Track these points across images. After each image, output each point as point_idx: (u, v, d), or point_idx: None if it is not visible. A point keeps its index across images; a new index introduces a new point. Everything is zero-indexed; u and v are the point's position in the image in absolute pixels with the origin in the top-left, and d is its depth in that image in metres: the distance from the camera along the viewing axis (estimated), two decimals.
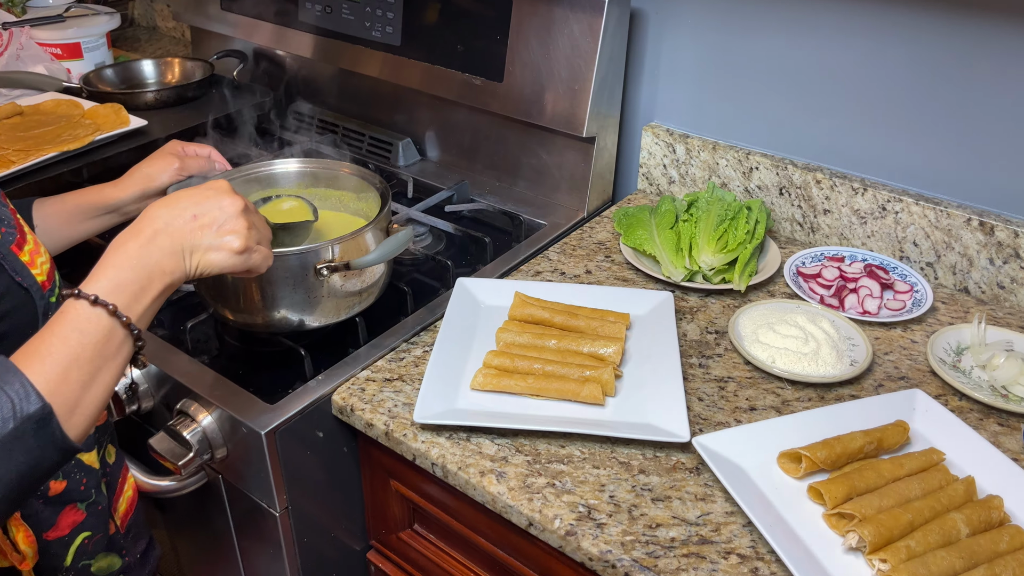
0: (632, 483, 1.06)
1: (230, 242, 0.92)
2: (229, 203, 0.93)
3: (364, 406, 1.17)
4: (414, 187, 1.73)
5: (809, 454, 1.05)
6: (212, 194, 0.92)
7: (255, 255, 0.96)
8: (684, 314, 1.39)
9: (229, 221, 0.92)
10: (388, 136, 1.84)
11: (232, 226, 0.92)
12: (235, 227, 0.92)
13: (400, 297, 1.34)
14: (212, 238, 0.90)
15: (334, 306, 1.21)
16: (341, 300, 1.18)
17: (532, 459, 1.09)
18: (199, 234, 0.90)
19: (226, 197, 0.93)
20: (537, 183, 1.69)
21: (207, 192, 0.92)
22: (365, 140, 1.87)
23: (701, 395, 1.21)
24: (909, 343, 1.29)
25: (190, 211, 0.90)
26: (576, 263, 1.52)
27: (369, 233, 1.19)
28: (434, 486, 1.16)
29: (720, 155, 1.63)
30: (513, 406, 1.15)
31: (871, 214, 1.48)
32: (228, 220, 0.92)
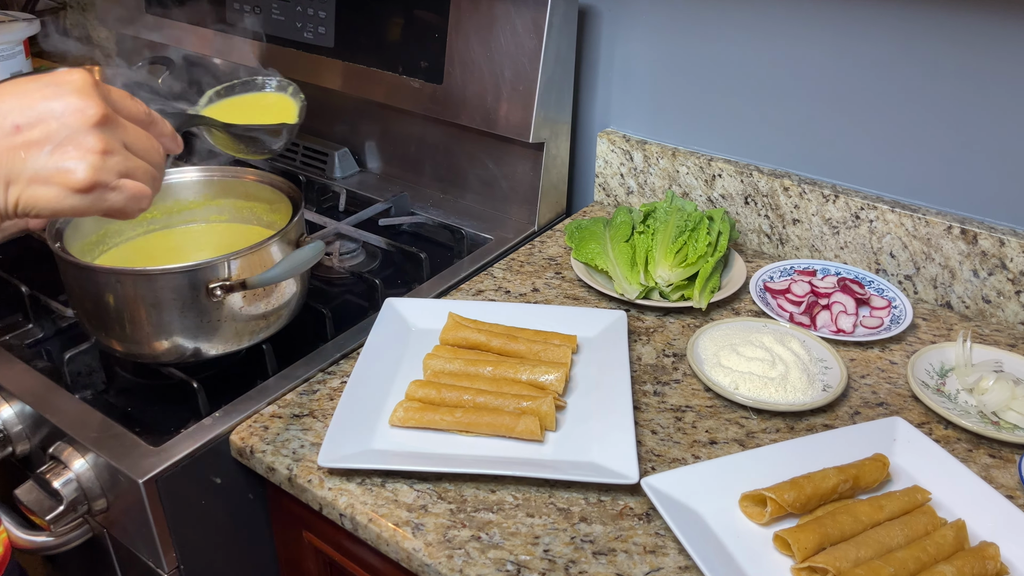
0: (571, 534, 0.91)
1: (68, 171, 0.63)
2: (76, 107, 0.63)
3: (265, 447, 1.01)
4: (349, 200, 1.59)
5: (775, 496, 0.90)
6: (55, 91, 0.63)
7: (114, 194, 0.66)
8: (639, 335, 1.25)
9: (73, 138, 0.63)
10: (323, 146, 1.70)
11: (76, 146, 0.63)
12: (80, 148, 0.63)
13: (318, 320, 1.18)
14: (41, 162, 0.62)
15: (235, 331, 1.05)
16: (243, 324, 1.03)
17: (456, 507, 0.93)
18: (21, 155, 0.62)
19: (74, 97, 0.63)
20: (484, 195, 1.56)
21: (50, 88, 0.63)
22: (299, 151, 1.73)
23: (655, 427, 1.06)
24: (888, 364, 1.17)
25: (13, 117, 0.62)
26: (523, 281, 1.38)
27: (274, 246, 1.04)
28: (352, 539, 1.00)
29: (680, 162, 1.50)
30: (438, 445, 1.00)
31: (843, 223, 1.38)
32: (71, 136, 0.63)
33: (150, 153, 0.69)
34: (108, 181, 0.65)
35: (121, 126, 0.67)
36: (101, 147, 0.64)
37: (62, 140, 0.62)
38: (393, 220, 1.50)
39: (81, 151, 0.63)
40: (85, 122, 0.63)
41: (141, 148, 0.69)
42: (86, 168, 0.63)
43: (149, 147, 0.70)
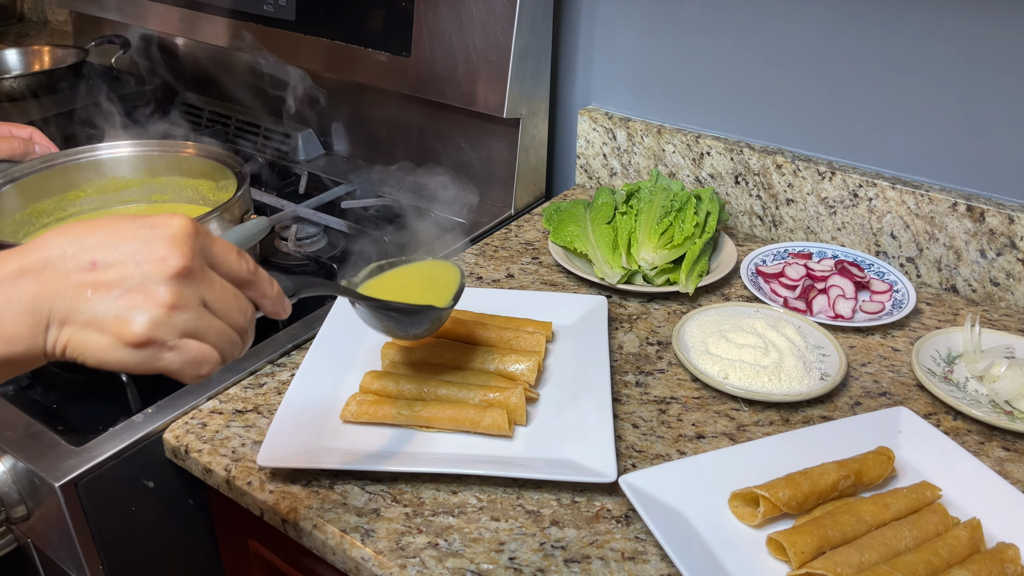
0: (541, 539, 0.81)
1: (126, 320, 0.56)
2: (160, 255, 0.58)
3: (202, 446, 0.92)
4: (312, 184, 1.50)
5: (768, 494, 0.81)
6: (147, 234, 0.58)
7: (171, 354, 0.58)
8: (621, 322, 1.16)
9: (145, 286, 0.57)
10: (286, 127, 1.60)
11: (145, 295, 0.57)
12: (149, 299, 0.57)
13: None
14: (104, 306, 0.56)
15: None
16: None
17: (413, 510, 0.84)
18: (88, 295, 0.56)
19: (162, 244, 0.58)
20: (457, 177, 1.48)
21: (144, 229, 0.59)
22: (260, 133, 1.63)
23: (637, 421, 0.97)
24: (890, 352, 1.10)
25: (93, 253, 0.57)
26: (496, 266, 1.29)
27: (213, 223, 0.95)
28: (300, 548, 0.91)
29: (666, 140, 1.41)
30: (395, 442, 0.91)
31: (841, 202, 1.32)
32: (143, 284, 0.57)
33: (232, 313, 0.62)
34: (166, 339, 0.58)
35: (206, 281, 0.60)
36: (170, 301, 0.57)
37: (133, 287, 0.57)
38: (357, 203, 1.41)
39: (148, 302, 0.57)
40: (164, 272, 0.57)
41: (223, 307, 0.61)
42: (145, 321, 0.56)
43: (233, 306, 0.62)
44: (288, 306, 0.69)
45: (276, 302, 0.67)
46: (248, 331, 0.65)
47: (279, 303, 0.68)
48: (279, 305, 0.68)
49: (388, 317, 0.89)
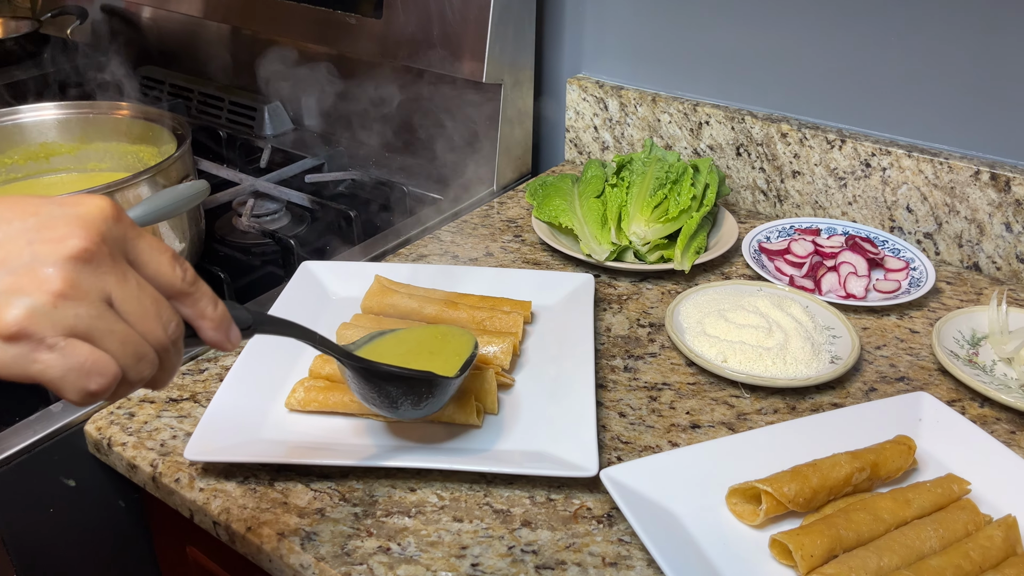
0: (510, 542, 0.71)
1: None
2: (59, 234, 0.48)
3: (127, 439, 0.82)
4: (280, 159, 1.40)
5: (772, 489, 0.72)
6: (52, 211, 0.49)
7: (49, 355, 0.47)
8: (610, 303, 1.06)
9: (32, 268, 0.47)
10: (252, 100, 1.50)
11: (30, 279, 0.46)
12: (33, 282, 0.46)
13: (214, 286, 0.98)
14: None
15: None
16: None
17: (363, 510, 0.74)
18: None
19: (65, 222, 0.48)
20: (435, 153, 1.40)
21: (52, 206, 0.49)
22: (224, 106, 1.54)
23: (624, 409, 0.87)
24: (907, 333, 1.02)
25: None
26: (475, 244, 1.19)
27: (144, 186, 0.85)
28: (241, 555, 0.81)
29: (662, 109, 1.32)
30: (347, 433, 0.81)
31: (852, 173, 1.24)
32: (31, 265, 0.47)
33: (147, 320, 0.50)
34: (44, 334, 0.46)
35: (115, 274, 0.49)
36: (59, 288, 0.46)
37: (17, 268, 0.46)
38: (322, 177, 1.31)
39: (31, 286, 0.46)
40: (58, 252, 0.47)
41: (135, 310, 0.50)
42: (22, 308, 0.45)
43: (150, 313, 0.50)
44: (236, 336, 0.57)
45: (219, 326, 0.55)
46: (170, 351, 0.52)
47: (222, 328, 0.56)
48: (222, 331, 0.56)
49: (376, 386, 0.74)
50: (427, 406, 0.77)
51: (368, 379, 0.74)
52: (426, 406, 0.77)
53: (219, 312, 0.55)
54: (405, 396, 0.75)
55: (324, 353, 0.71)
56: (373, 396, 0.75)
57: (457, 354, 0.81)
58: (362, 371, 0.73)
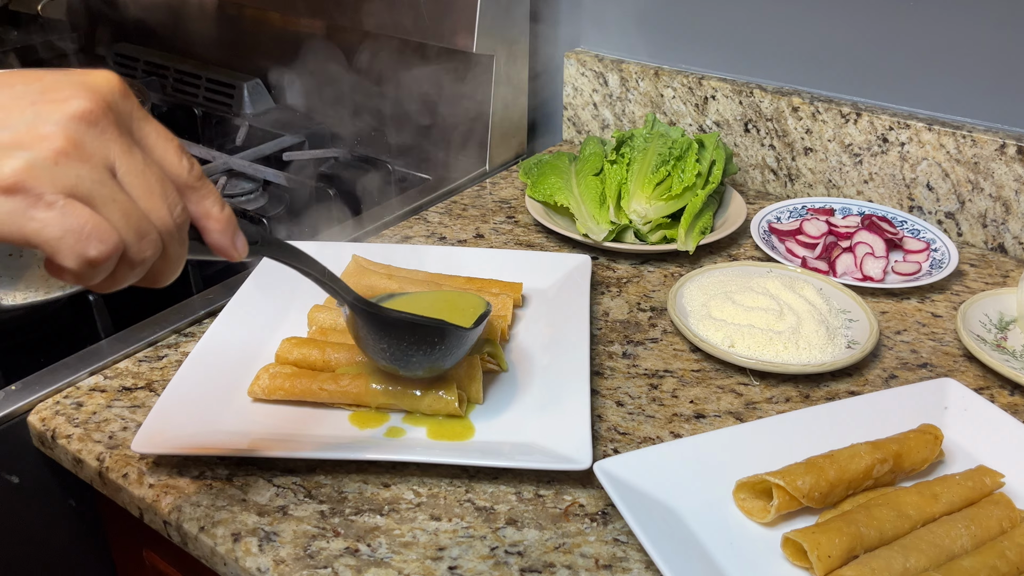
0: (493, 542, 0.65)
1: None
2: (62, 96, 0.46)
3: (73, 431, 0.76)
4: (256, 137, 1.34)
5: (784, 483, 0.66)
6: (58, 81, 0.47)
7: (45, 213, 0.45)
8: (609, 286, 1.00)
9: (33, 126, 0.45)
10: (230, 77, 1.45)
11: (29, 134, 0.45)
12: (31, 137, 0.45)
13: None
14: None
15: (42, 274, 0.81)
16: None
17: (330, 508, 0.68)
18: None
19: (71, 89, 0.47)
20: (424, 131, 1.34)
21: (59, 75, 0.48)
22: (202, 84, 1.48)
23: (622, 398, 0.81)
24: (929, 317, 0.98)
25: None
26: (464, 226, 1.13)
27: None
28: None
29: (665, 83, 1.27)
30: (316, 424, 0.75)
31: (868, 149, 1.19)
32: (33, 124, 0.45)
33: (152, 197, 0.48)
34: (43, 190, 0.44)
35: (119, 143, 0.48)
36: (60, 145, 0.45)
37: (17, 125, 0.45)
38: (302, 155, 1.25)
39: (31, 140, 0.45)
40: (62, 111, 0.46)
41: (139, 184, 0.48)
42: (22, 160, 0.44)
43: (156, 190, 0.49)
44: (243, 244, 0.55)
45: (225, 228, 0.53)
46: (175, 237, 0.50)
47: (228, 232, 0.54)
48: (228, 235, 0.54)
49: (386, 335, 0.72)
50: (440, 358, 0.75)
51: (379, 328, 0.72)
52: (439, 358, 0.75)
53: (226, 214, 0.53)
54: (418, 347, 0.73)
55: (332, 295, 0.70)
56: (383, 348, 0.73)
57: (470, 312, 0.78)
58: (373, 319, 0.72)
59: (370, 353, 0.75)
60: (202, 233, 0.53)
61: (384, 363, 0.75)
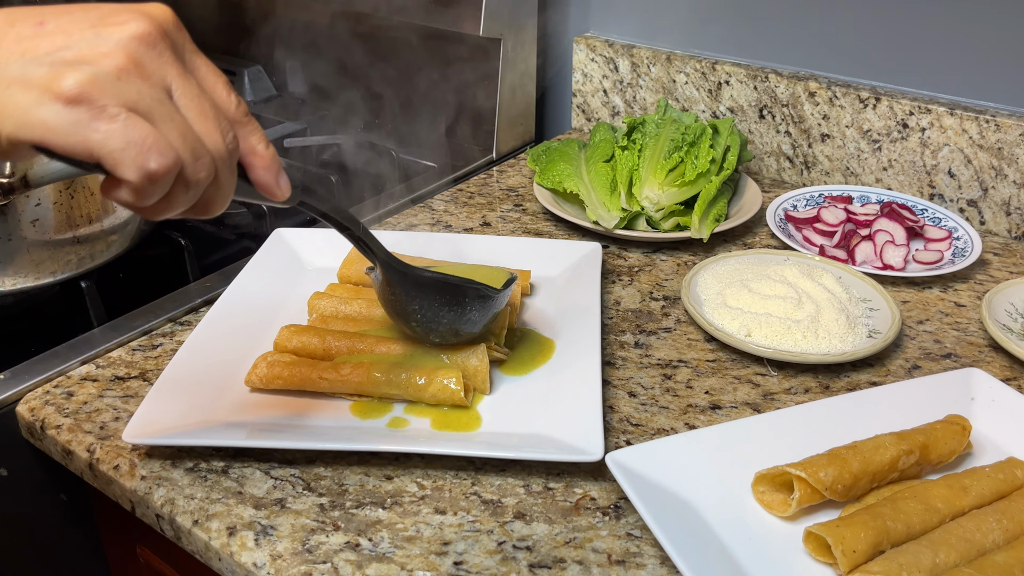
0: (500, 537, 0.63)
1: (58, 75, 0.46)
2: (121, 19, 0.49)
3: (62, 421, 0.74)
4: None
5: (806, 475, 0.63)
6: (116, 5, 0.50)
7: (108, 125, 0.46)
8: (620, 275, 0.97)
9: (94, 44, 0.47)
10: (230, 64, 1.42)
11: (91, 51, 0.47)
12: (93, 53, 0.47)
13: (176, 254, 0.90)
14: (37, 62, 0.47)
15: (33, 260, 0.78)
16: (49, 251, 0.75)
17: (330, 501, 0.66)
18: (18, 52, 0.47)
19: (129, 13, 0.49)
20: (430, 116, 1.31)
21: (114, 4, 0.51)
22: None
23: (634, 388, 0.79)
24: (952, 307, 0.96)
25: (43, 16, 0.49)
26: (471, 214, 1.10)
27: None
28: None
29: (677, 68, 1.24)
30: (315, 414, 0.73)
31: (887, 135, 1.16)
32: (93, 43, 0.48)
33: (206, 120, 0.50)
34: (106, 102, 0.46)
35: (175, 68, 0.50)
36: (121, 62, 0.47)
37: (78, 44, 0.47)
38: (304, 141, 1.23)
39: (93, 56, 0.47)
40: (122, 32, 0.48)
41: (194, 107, 0.50)
42: (84, 74, 0.46)
43: (209, 114, 0.51)
44: (286, 184, 0.57)
45: (269, 166, 0.56)
46: (226, 164, 0.52)
47: (272, 170, 0.56)
48: (272, 172, 0.56)
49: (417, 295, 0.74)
50: (469, 320, 0.76)
51: (411, 288, 0.74)
52: (469, 320, 0.76)
53: (271, 152, 0.56)
54: (449, 307, 0.74)
55: (365, 254, 0.71)
56: (414, 309, 0.75)
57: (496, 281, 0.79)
58: (405, 279, 0.73)
59: (399, 317, 0.76)
60: (248, 170, 0.55)
61: (413, 328, 0.76)
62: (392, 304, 0.76)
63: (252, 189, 0.56)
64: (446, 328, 0.76)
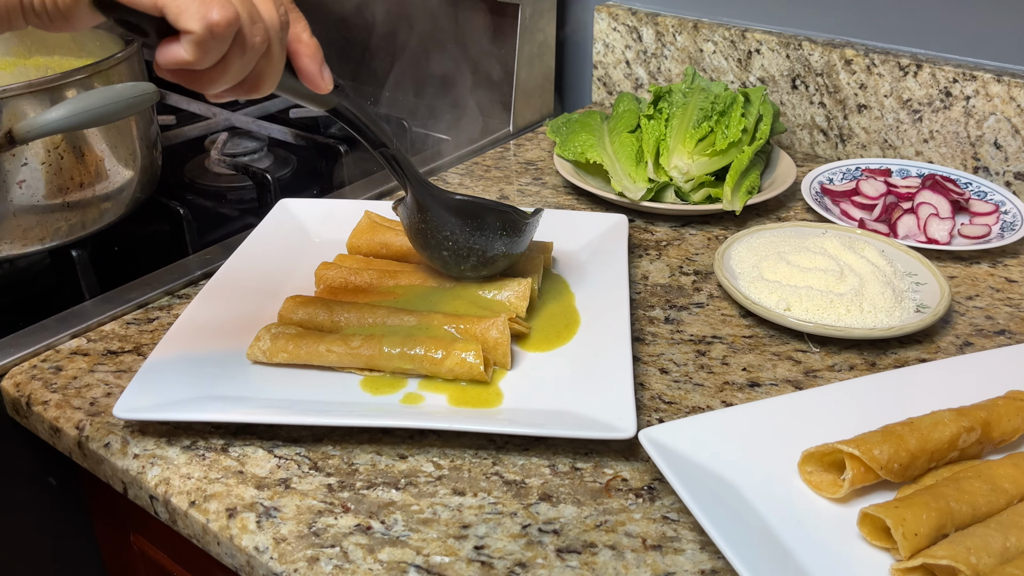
0: (524, 520, 0.59)
1: None
2: None
3: (49, 396, 0.70)
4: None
5: (859, 452, 0.59)
6: None
7: None
8: (647, 249, 0.93)
9: None
10: None
11: None
12: None
13: (175, 224, 0.86)
14: None
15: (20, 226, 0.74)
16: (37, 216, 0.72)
17: (339, 481, 0.62)
18: None
19: None
20: (444, 89, 1.28)
21: None
22: None
23: (666, 365, 0.75)
24: (1003, 283, 0.93)
25: None
26: (487, 187, 1.07)
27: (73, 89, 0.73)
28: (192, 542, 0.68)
29: (704, 37, 1.23)
30: (322, 389, 0.69)
31: (928, 104, 1.12)
32: None
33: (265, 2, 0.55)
34: None
35: None
36: None
37: None
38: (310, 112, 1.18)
39: None
40: None
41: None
42: None
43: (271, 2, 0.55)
44: (329, 77, 0.61)
45: (314, 55, 0.60)
46: (279, 36, 0.55)
47: (317, 59, 0.60)
48: (317, 62, 0.60)
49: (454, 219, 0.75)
50: (503, 245, 0.77)
51: (444, 213, 0.75)
52: (502, 245, 0.77)
53: (315, 42, 0.60)
54: (481, 232, 0.75)
55: (396, 176, 0.73)
56: (445, 235, 0.76)
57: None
58: (438, 203, 0.74)
59: (428, 249, 0.77)
60: (293, 57, 0.58)
61: (444, 257, 0.77)
62: (423, 234, 0.76)
63: (297, 82, 0.59)
64: (478, 255, 0.77)
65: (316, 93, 0.62)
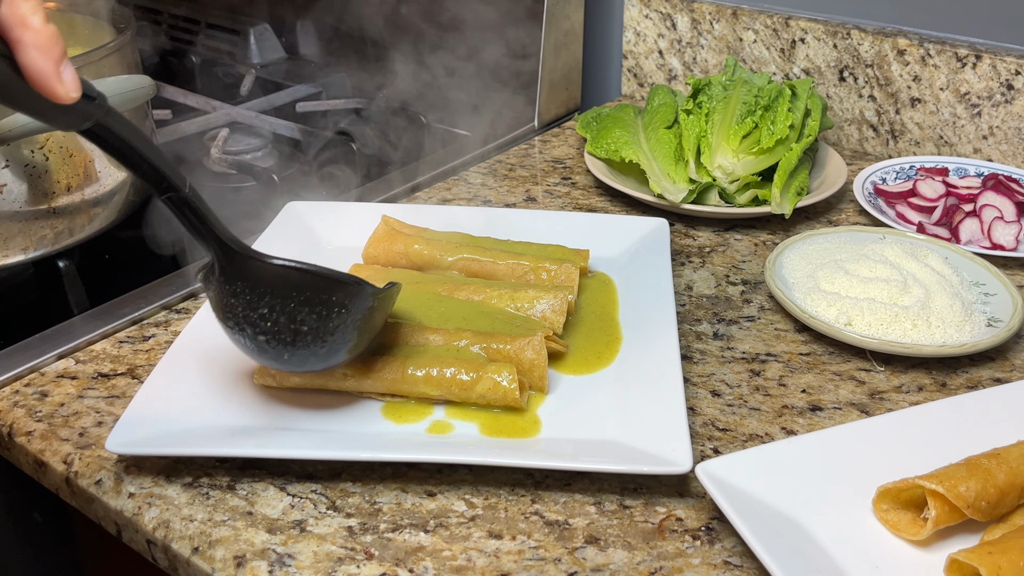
0: (570, 566, 0.56)
1: None
2: None
3: (35, 426, 0.67)
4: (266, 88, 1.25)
5: (943, 489, 0.57)
6: None
7: None
8: (690, 256, 0.91)
9: None
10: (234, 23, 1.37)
11: None
12: None
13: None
14: None
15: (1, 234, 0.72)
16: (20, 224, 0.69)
17: (361, 523, 0.59)
18: None
19: None
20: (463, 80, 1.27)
21: None
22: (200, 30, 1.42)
23: (718, 386, 0.72)
24: None
25: None
26: (512, 187, 1.04)
27: None
28: None
29: (744, 25, 1.23)
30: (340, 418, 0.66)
31: (988, 98, 1.11)
32: None
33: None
34: None
35: None
36: None
37: None
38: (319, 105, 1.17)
39: None
40: None
41: None
42: None
43: None
44: (71, 80, 0.47)
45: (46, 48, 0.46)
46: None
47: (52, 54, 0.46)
48: (52, 56, 0.46)
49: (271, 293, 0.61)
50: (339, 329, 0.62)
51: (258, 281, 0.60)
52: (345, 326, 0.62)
53: (49, 30, 0.46)
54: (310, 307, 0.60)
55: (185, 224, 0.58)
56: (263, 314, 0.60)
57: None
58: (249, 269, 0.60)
59: (239, 330, 0.62)
60: (14, 51, 0.45)
61: (259, 343, 0.62)
62: (231, 311, 0.61)
63: (22, 85, 0.46)
64: (303, 342, 0.62)
65: (52, 103, 0.48)
